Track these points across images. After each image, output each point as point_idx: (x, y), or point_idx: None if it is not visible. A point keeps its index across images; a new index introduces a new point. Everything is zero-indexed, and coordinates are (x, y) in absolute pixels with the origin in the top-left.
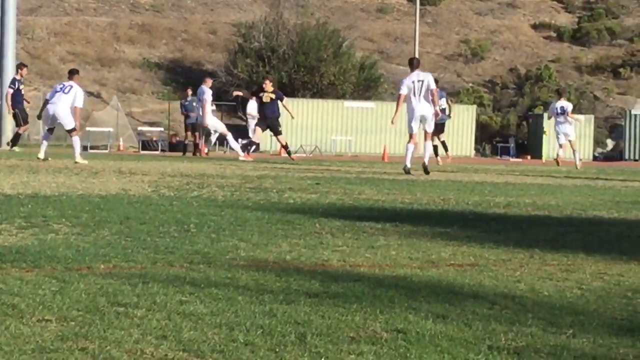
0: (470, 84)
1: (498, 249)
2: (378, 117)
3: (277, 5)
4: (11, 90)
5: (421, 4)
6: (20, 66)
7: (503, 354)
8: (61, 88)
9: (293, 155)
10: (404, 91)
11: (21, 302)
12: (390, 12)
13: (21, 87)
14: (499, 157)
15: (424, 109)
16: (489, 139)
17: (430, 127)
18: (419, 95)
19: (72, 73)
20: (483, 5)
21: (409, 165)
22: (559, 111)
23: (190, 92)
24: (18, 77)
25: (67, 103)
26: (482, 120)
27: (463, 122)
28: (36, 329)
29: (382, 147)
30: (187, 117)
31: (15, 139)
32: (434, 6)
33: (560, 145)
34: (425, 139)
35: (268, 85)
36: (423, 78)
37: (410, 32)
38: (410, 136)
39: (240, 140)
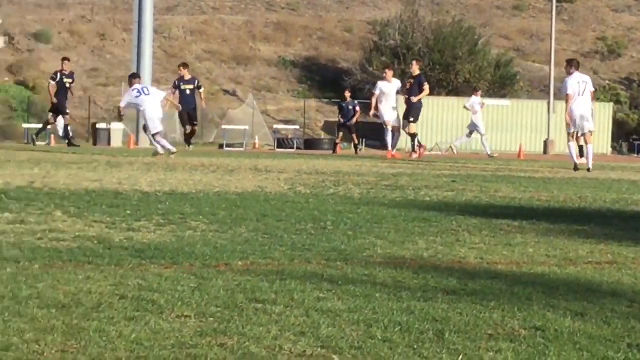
0: (607, 82)
1: (637, 247)
2: (514, 114)
3: (413, 3)
4: (176, 91)
5: (557, 1)
6: (182, 66)
7: None
8: (140, 91)
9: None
10: (570, 91)
11: (161, 298)
12: (526, 10)
13: (184, 87)
14: (636, 155)
15: (585, 109)
16: (625, 136)
17: (591, 127)
18: (582, 95)
19: (134, 77)
20: (620, 2)
21: (577, 161)
22: None
23: (348, 94)
24: (187, 77)
25: (158, 104)
26: (618, 118)
27: (599, 119)
28: (176, 325)
29: (517, 144)
30: (343, 118)
31: (188, 138)
32: (570, 3)
33: None
34: (586, 142)
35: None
36: (585, 79)
37: (546, 30)
38: (570, 135)
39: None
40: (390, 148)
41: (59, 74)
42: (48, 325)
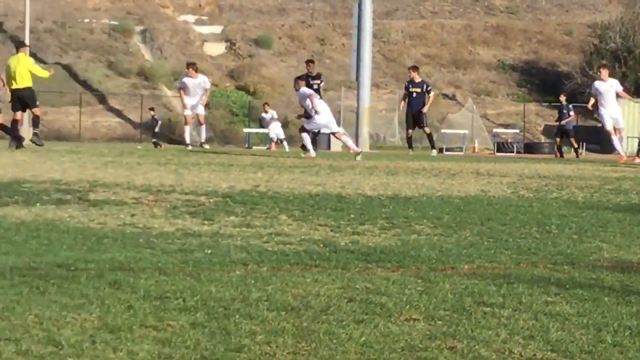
0: None
1: None
2: None
3: (633, 5)
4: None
5: None
6: (411, 69)
7: None
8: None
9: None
10: None
11: (389, 302)
12: None
13: (412, 89)
14: None
15: None
16: None
17: None
18: None
19: (301, 79)
20: None
21: None
22: None
23: (563, 98)
24: (417, 80)
25: (327, 108)
26: None
27: None
28: (404, 328)
29: None
30: (559, 121)
31: (410, 143)
32: None
33: None
34: None
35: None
36: None
37: None
38: None
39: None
40: (620, 152)
41: (304, 77)
42: (278, 327)
